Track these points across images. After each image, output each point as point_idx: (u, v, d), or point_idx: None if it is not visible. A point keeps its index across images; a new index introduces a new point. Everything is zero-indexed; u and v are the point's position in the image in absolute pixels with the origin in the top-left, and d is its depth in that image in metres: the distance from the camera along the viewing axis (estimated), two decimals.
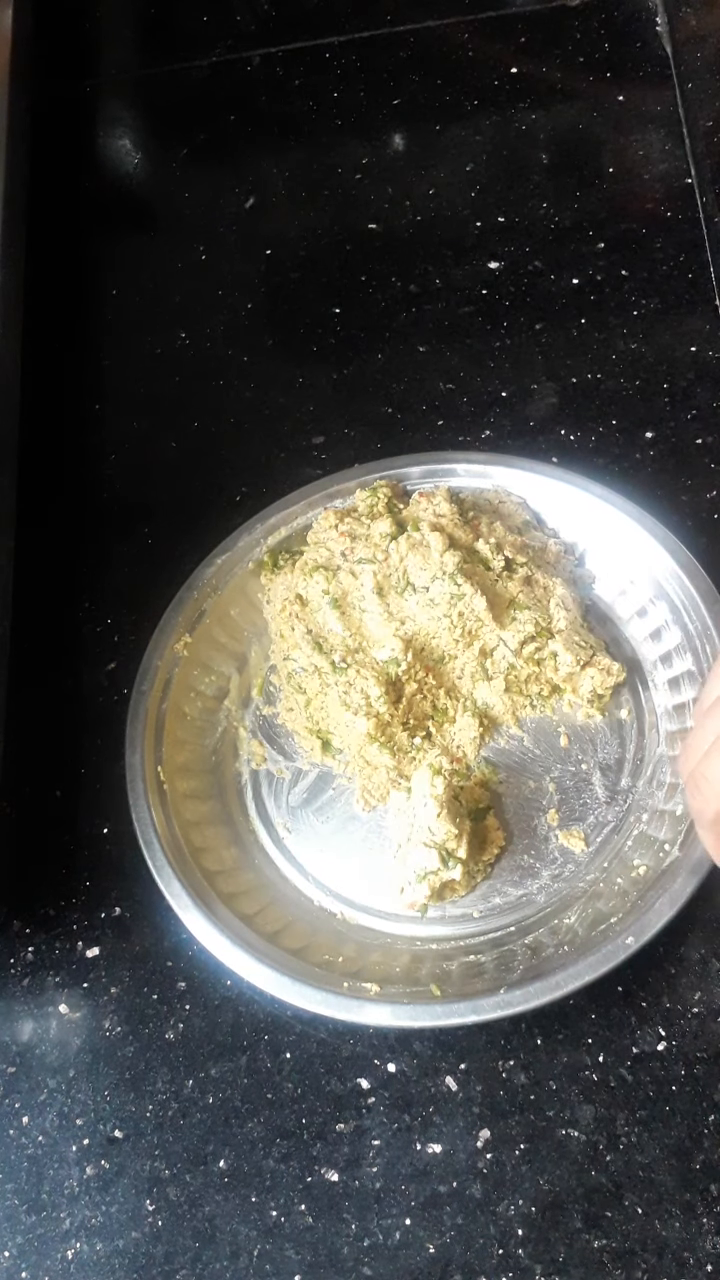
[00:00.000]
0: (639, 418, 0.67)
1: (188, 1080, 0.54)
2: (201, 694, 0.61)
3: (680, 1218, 0.48)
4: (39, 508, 0.68)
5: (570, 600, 0.60)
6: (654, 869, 0.52)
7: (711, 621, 0.57)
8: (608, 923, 0.51)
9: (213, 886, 0.54)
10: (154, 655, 0.60)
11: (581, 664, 0.58)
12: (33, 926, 0.58)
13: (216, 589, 0.62)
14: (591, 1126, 0.50)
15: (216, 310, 0.76)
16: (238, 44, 0.88)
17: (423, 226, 0.77)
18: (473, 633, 0.58)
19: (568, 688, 0.59)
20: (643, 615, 0.60)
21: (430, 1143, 0.51)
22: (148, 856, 0.55)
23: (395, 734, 0.58)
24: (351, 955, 0.53)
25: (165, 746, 0.58)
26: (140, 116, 0.88)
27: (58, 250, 0.80)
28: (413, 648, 0.58)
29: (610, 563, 0.62)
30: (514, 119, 0.80)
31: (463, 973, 0.52)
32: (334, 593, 0.59)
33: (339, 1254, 0.49)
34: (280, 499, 0.65)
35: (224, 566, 0.62)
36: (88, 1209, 0.52)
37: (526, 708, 0.59)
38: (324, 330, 0.74)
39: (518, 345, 0.71)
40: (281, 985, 0.52)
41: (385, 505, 0.62)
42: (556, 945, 0.52)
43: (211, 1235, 0.50)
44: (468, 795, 0.56)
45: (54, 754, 0.62)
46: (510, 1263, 0.48)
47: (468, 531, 0.60)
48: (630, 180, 0.76)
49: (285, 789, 0.59)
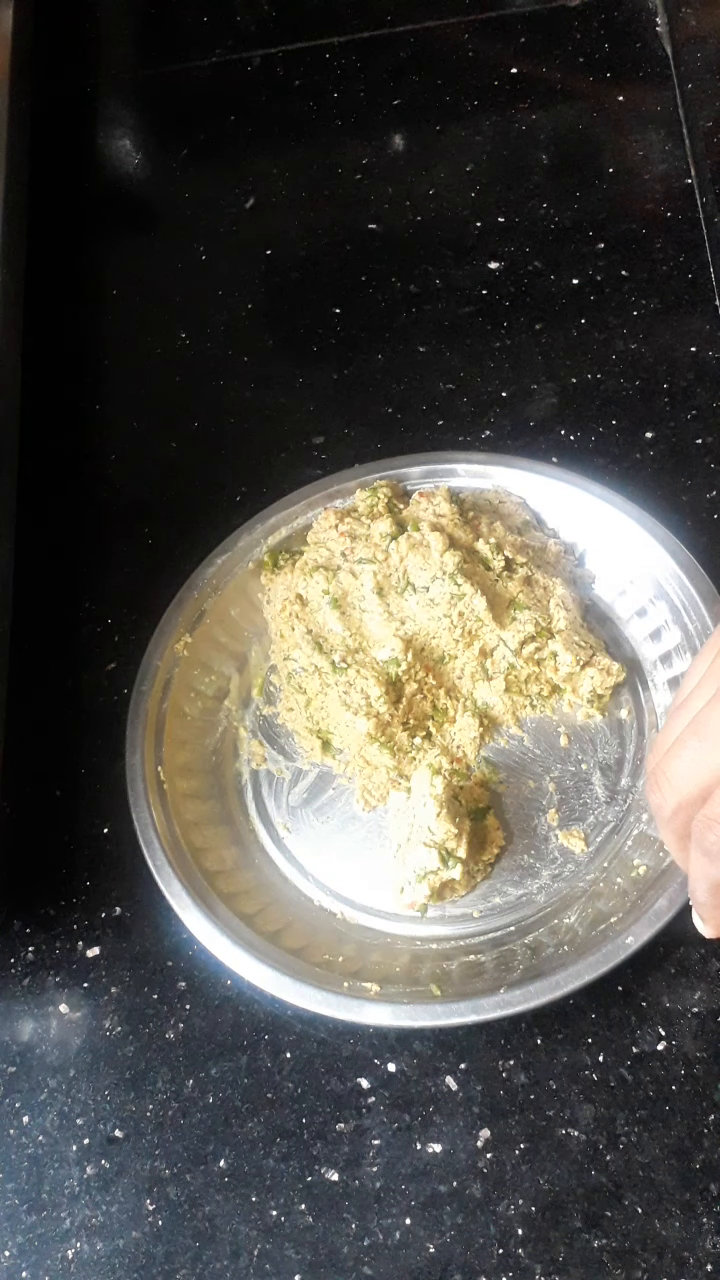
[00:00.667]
0: (639, 418, 0.67)
1: (188, 1080, 0.54)
2: (201, 694, 0.61)
3: (680, 1217, 0.48)
4: (39, 508, 0.68)
5: (570, 600, 0.60)
6: (654, 869, 0.52)
7: (711, 621, 0.57)
8: (608, 922, 0.51)
9: (213, 886, 0.54)
10: (154, 655, 0.60)
11: (581, 664, 0.58)
12: (33, 926, 0.58)
13: (217, 589, 0.62)
14: (591, 1126, 0.50)
15: (217, 310, 0.76)
16: (238, 44, 0.88)
17: (423, 227, 0.77)
18: (473, 633, 0.58)
19: (568, 688, 0.59)
20: (643, 615, 0.60)
21: (430, 1142, 0.51)
22: (148, 856, 0.55)
23: (395, 734, 0.58)
24: (351, 955, 0.53)
25: (165, 746, 0.58)
26: (140, 117, 0.88)
27: (58, 250, 0.80)
28: (413, 648, 0.58)
29: (610, 563, 0.62)
30: (514, 119, 0.80)
31: (463, 972, 0.52)
32: (334, 593, 0.60)
33: (339, 1253, 0.49)
34: (281, 499, 0.65)
35: (224, 566, 0.62)
36: (88, 1208, 0.52)
37: (526, 708, 0.59)
38: (324, 330, 0.74)
39: (518, 345, 0.71)
40: (281, 985, 0.52)
41: (385, 505, 0.62)
42: (556, 945, 0.52)
43: (212, 1235, 0.50)
44: (467, 795, 0.56)
45: (54, 754, 0.62)
46: (510, 1262, 0.48)
47: (468, 531, 0.60)
48: (630, 180, 0.76)
49: (285, 789, 0.59)
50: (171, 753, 0.58)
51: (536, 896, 0.55)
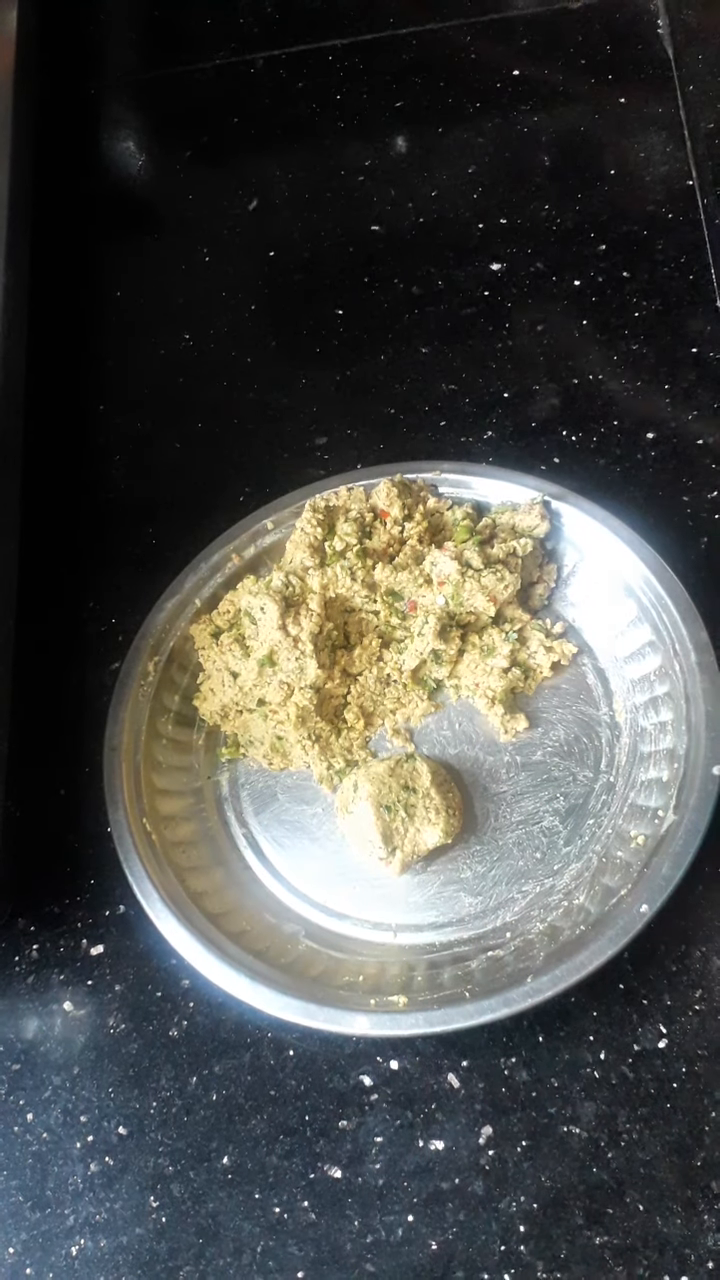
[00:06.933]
0: (640, 418, 0.68)
1: (191, 1077, 0.54)
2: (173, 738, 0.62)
3: (681, 1214, 0.49)
4: (43, 508, 0.68)
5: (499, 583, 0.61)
6: (652, 836, 0.53)
7: (666, 591, 0.58)
8: (618, 896, 0.52)
9: (219, 929, 0.55)
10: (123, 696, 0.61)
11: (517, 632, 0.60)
12: (37, 924, 0.58)
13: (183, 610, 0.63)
14: (593, 1123, 0.51)
15: (220, 311, 0.77)
16: (241, 47, 0.88)
17: (425, 228, 0.77)
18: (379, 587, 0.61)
19: (523, 655, 0.60)
20: (612, 601, 0.61)
21: (432, 1139, 0.51)
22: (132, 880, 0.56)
23: (321, 726, 0.59)
24: (373, 974, 0.54)
25: (146, 793, 0.59)
26: (144, 119, 0.89)
27: (62, 252, 0.80)
28: (330, 606, 0.60)
29: (570, 550, 0.63)
30: (516, 121, 0.80)
31: (485, 969, 0.53)
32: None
33: (342, 1250, 0.50)
34: (280, 498, 0.65)
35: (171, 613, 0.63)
36: (92, 1205, 0.52)
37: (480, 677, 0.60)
38: (327, 331, 0.74)
39: (520, 346, 0.72)
40: (285, 1005, 0.52)
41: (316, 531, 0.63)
42: (573, 927, 0.52)
43: (215, 1232, 0.51)
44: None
45: (58, 753, 0.62)
46: (512, 1259, 0.49)
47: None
48: (632, 182, 0.76)
49: (266, 804, 0.60)
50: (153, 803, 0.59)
51: (535, 889, 0.55)
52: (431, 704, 0.61)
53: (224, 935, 0.54)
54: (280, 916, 0.56)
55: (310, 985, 0.52)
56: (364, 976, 0.53)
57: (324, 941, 0.55)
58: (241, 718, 0.61)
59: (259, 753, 0.60)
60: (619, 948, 0.50)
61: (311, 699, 0.59)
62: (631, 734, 0.58)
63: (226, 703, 0.61)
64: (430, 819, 0.55)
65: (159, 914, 0.55)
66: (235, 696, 0.60)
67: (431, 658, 0.60)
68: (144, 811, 0.58)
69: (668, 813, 0.53)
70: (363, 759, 0.59)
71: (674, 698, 0.56)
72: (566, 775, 0.58)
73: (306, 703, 0.59)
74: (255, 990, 0.52)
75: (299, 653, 0.59)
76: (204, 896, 0.56)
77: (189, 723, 0.62)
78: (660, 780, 0.55)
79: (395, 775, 0.57)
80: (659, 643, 0.58)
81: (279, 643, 0.59)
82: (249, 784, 0.61)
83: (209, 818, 0.60)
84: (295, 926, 0.56)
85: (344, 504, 0.63)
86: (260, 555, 0.64)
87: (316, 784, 0.60)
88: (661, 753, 0.56)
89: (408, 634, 0.61)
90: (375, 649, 0.61)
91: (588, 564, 0.62)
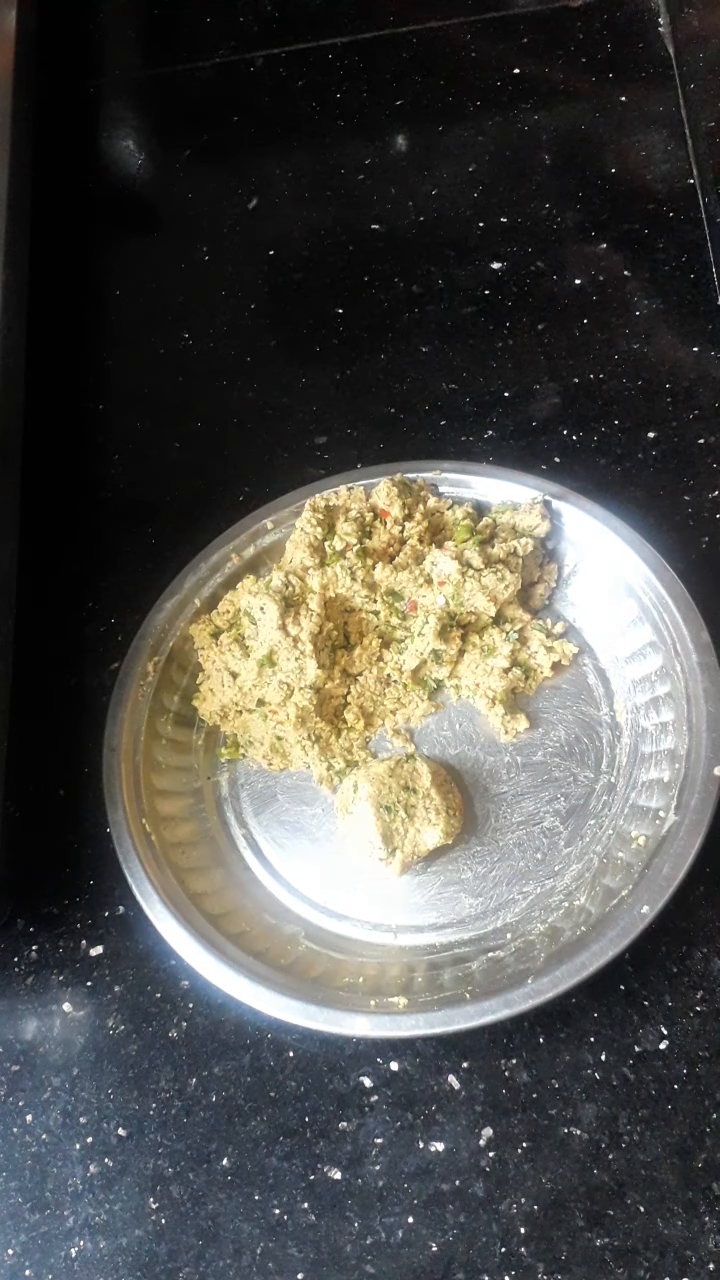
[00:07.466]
0: (641, 418, 0.68)
1: (191, 1078, 0.54)
2: (172, 740, 0.61)
3: (682, 1216, 0.48)
4: (43, 508, 0.68)
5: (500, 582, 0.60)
6: (653, 837, 0.53)
7: (667, 591, 0.58)
8: (619, 896, 0.52)
9: (219, 930, 0.54)
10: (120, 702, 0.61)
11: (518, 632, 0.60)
12: (36, 925, 0.58)
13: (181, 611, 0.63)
14: (594, 1125, 0.50)
15: (219, 310, 0.77)
16: (241, 45, 0.88)
17: (425, 227, 0.77)
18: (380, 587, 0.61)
19: (524, 657, 0.60)
20: (614, 600, 0.61)
21: (433, 1141, 0.51)
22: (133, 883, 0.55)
23: (320, 726, 0.59)
24: (373, 974, 0.54)
25: (146, 794, 0.58)
26: (144, 117, 0.88)
27: (61, 251, 0.80)
28: (331, 606, 0.60)
29: (571, 550, 0.63)
30: (516, 120, 0.80)
31: (485, 970, 0.52)
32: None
33: (342, 1252, 0.50)
34: (280, 498, 0.65)
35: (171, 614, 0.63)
36: (91, 1207, 0.52)
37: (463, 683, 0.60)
38: (327, 330, 0.74)
39: (520, 345, 0.71)
40: (285, 1006, 0.52)
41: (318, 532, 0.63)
42: (573, 928, 0.52)
43: (215, 1233, 0.51)
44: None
45: (57, 753, 0.62)
46: (513, 1261, 0.48)
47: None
48: (632, 181, 0.76)
49: (265, 805, 0.60)
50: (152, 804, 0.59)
51: (535, 890, 0.55)
52: (432, 704, 0.61)
53: (224, 936, 0.54)
54: (280, 917, 0.56)
55: (310, 986, 0.52)
56: (364, 978, 0.53)
57: (324, 942, 0.55)
58: (241, 718, 0.61)
59: (259, 753, 0.60)
60: (620, 949, 0.50)
61: (311, 699, 0.59)
62: (632, 734, 0.58)
63: (226, 703, 0.61)
64: (430, 820, 0.55)
65: (158, 915, 0.54)
66: (235, 697, 0.60)
67: (432, 658, 0.60)
68: (143, 812, 0.57)
69: (669, 813, 0.53)
70: (363, 759, 0.59)
71: (675, 698, 0.56)
72: (567, 776, 0.57)
73: (306, 703, 0.58)
74: (255, 991, 0.52)
75: (299, 653, 0.59)
76: (203, 897, 0.56)
77: (188, 723, 0.62)
78: (661, 781, 0.55)
79: (395, 776, 0.56)
80: (660, 643, 0.58)
81: (279, 643, 0.59)
82: (249, 784, 0.60)
83: (209, 818, 0.60)
84: (295, 927, 0.56)
85: (344, 503, 0.63)
86: (260, 555, 0.64)
87: (316, 784, 0.59)
88: (662, 753, 0.56)
89: (408, 634, 0.60)
90: (375, 649, 0.61)
91: (588, 564, 0.62)
